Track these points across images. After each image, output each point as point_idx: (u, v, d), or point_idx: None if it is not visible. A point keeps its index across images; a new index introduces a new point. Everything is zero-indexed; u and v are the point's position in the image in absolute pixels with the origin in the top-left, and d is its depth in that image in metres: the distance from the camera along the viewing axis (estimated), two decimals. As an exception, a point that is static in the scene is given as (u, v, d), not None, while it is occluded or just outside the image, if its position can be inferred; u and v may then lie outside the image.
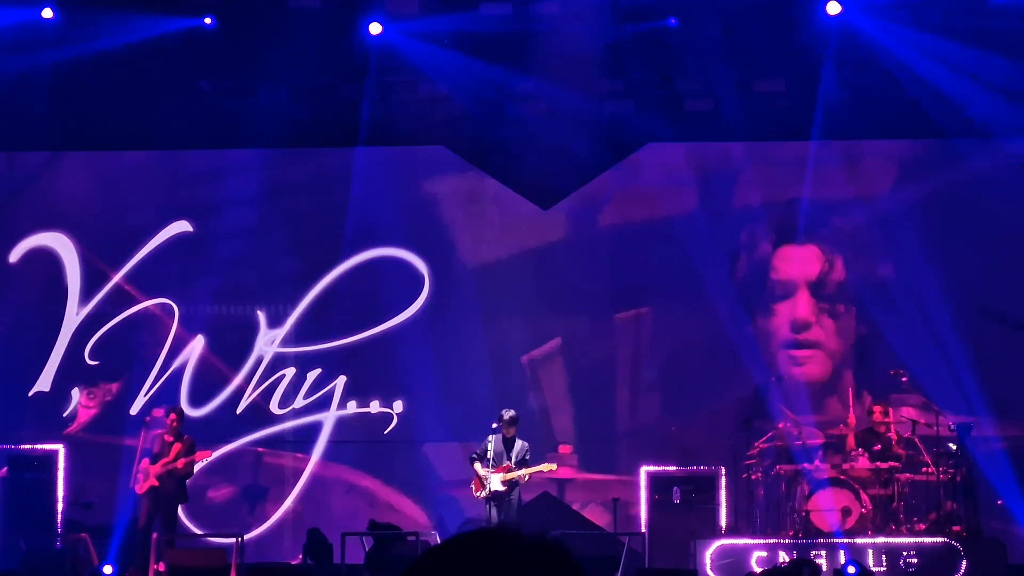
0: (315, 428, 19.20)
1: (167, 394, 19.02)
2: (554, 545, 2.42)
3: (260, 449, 19.17)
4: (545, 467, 16.31)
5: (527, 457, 16.21)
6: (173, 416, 16.66)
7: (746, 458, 16.49)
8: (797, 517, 15.73)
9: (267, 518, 18.91)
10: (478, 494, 16.15)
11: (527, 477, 16.17)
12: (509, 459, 16.10)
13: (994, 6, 17.62)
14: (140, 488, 16.32)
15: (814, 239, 18.91)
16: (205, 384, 19.21)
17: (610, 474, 18.71)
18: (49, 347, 19.31)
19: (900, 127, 18.74)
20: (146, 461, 16.34)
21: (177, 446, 16.40)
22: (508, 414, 16.31)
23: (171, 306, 19.36)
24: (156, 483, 16.24)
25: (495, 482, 16.07)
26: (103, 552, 16.45)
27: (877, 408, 16.45)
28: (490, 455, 16.15)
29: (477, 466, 16.19)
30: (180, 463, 16.30)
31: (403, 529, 17.17)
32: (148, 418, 17.15)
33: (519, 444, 16.28)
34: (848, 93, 18.27)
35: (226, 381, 19.22)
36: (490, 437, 16.26)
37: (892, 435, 16.10)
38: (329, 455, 19.15)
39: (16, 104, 18.54)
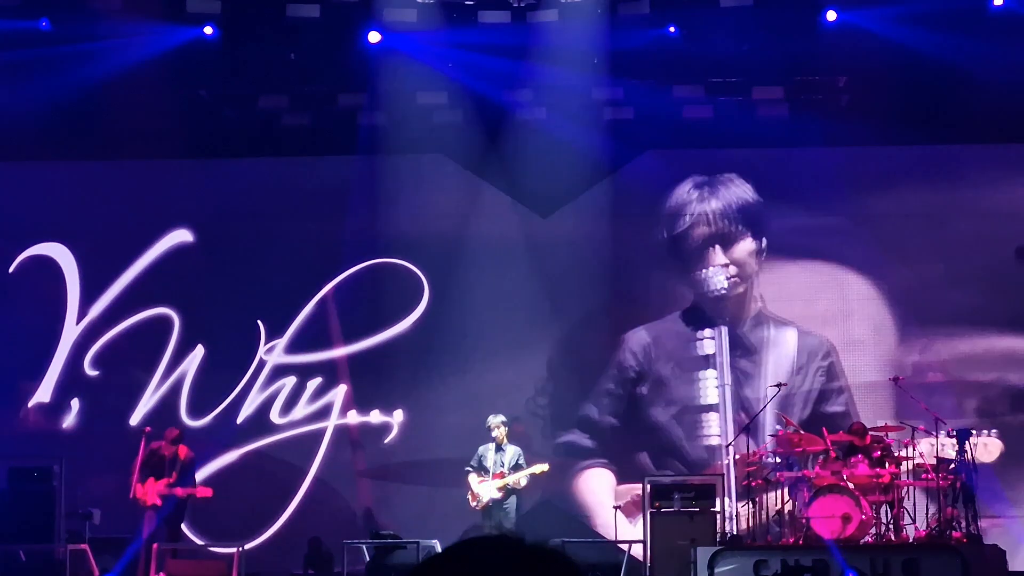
0: (316, 437, 19.21)
1: (166, 405, 19.06)
2: (555, 552, 2.44)
3: (261, 458, 19.17)
4: (537, 469, 16.28)
5: (520, 462, 16.20)
6: (176, 434, 16.66)
7: (746, 465, 16.50)
8: (797, 524, 15.73)
9: (268, 528, 18.90)
10: (474, 504, 16.15)
11: (522, 482, 16.15)
12: (503, 466, 16.10)
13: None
14: (143, 502, 16.36)
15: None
16: (205, 394, 19.22)
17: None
18: (48, 357, 19.33)
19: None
20: (151, 480, 16.36)
21: (177, 464, 16.47)
22: (495, 420, 16.31)
23: (171, 316, 19.37)
24: (159, 502, 16.30)
25: (492, 490, 16.07)
26: (104, 563, 16.45)
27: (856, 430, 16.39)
28: (488, 464, 16.16)
29: (472, 478, 16.17)
30: (179, 492, 16.35)
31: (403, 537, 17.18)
32: (147, 428, 17.16)
33: (512, 450, 16.27)
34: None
35: (226, 391, 19.22)
36: (484, 446, 16.25)
37: (890, 441, 16.09)
38: (329, 464, 19.16)
39: (15, 114, 18.55)
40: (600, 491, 18.71)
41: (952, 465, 15.77)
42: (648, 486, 16.42)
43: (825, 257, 19.09)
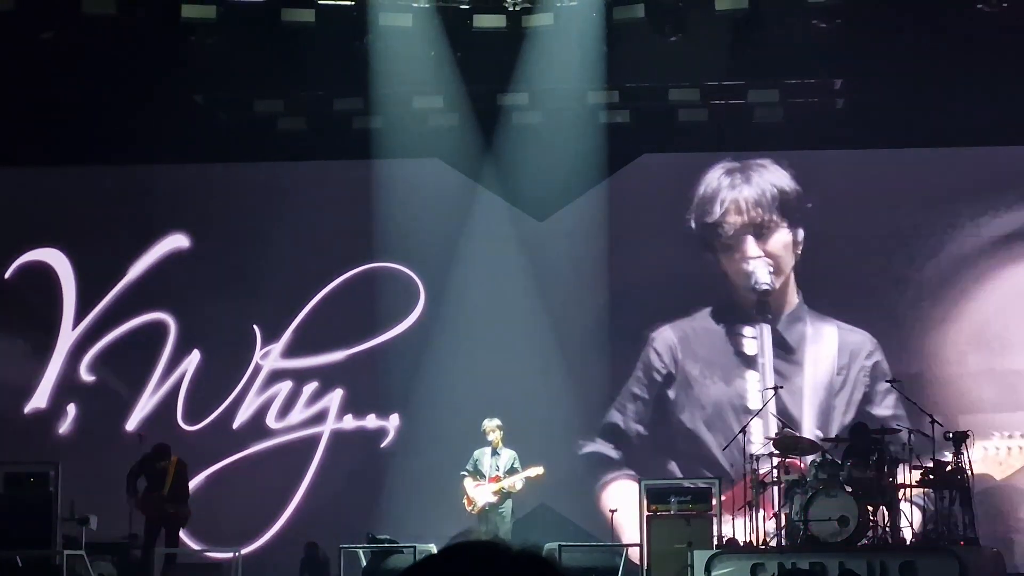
0: (312, 442, 19.20)
1: (162, 410, 19.05)
2: (543, 558, 2.43)
3: (257, 463, 19.15)
4: (532, 472, 16.23)
5: (516, 465, 16.18)
6: (163, 450, 16.67)
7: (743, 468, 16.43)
8: (795, 527, 15.71)
9: (265, 533, 18.88)
10: (470, 509, 16.13)
11: (517, 485, 16.11)
12: (498, 469, 16.08)
13: None
14: (140, 511, 16.39)
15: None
16: (201, 399, 19.21)
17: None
18: (45, 363, 19.32)
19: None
20: (146, 489, 16.38)
21: (169, 477, 16.50)
22: (491, 423, 16.27)
23: (167, 321, 19.36)
24: (154, 513, 16.33)
25: (487, 494, 16.05)
26: (102, 569, 16.45)
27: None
28: (483, 468, 16.14)
29: (467, 482, 16.15)
30: (168, 508, 16.38)
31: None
32: (143, 433, 17.15)
33: (507, 453, 16.24)
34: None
35: (222, 396, 19.21)
36: (479, 450, 16.23)
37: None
38: (326, 469, 19.15)
39: (10, 119, 18.54)
40: (628, 505, 17.01)
41: (949, 467, 15.76)
42: (644, 490, 16.39)
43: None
